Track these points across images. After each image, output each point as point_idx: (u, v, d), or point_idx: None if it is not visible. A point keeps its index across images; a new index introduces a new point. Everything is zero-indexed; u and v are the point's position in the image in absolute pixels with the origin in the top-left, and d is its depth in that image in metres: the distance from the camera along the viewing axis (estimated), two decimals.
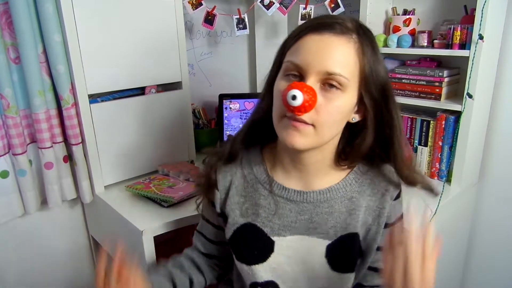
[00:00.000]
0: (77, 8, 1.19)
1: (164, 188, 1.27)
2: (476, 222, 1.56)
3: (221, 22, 1.81)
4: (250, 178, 0.79)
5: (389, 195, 0.76)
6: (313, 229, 0.77)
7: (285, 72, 0.68)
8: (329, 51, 0.64)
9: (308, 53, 0.64)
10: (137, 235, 1.13)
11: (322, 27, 0.65)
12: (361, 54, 0.66)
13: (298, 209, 0.77)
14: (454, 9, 1.38)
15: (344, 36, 0.65)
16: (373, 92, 0.68)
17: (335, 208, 0.76)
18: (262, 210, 0.78)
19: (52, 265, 1.51)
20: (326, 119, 0.65)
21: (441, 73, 1.33)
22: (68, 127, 1.29)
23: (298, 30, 0.68)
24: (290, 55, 0.67)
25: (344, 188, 0.76)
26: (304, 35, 0.66)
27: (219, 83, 1.93)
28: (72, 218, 1.53)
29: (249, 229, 0.79)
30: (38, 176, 1.32)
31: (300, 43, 0.66)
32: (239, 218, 0.80)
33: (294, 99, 0.60)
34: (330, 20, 0.66)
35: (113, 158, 1.39)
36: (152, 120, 1.46)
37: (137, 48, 1.36)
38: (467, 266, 1.62)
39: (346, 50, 0.65)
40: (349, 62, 0.65)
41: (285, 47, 0.70)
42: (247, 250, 0.80)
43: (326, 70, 0.63)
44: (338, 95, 0.65)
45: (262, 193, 0.78)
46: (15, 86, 1.20)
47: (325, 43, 0.64)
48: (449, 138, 1.34)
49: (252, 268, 0.80)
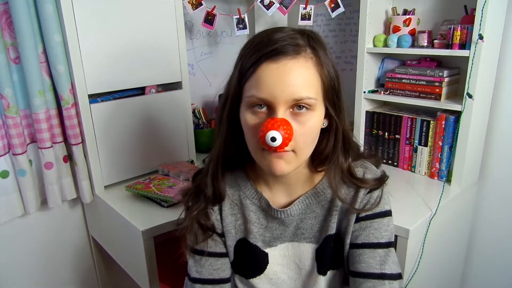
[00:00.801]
0: (77, 8, 1.19)
1: (164, 188, 1.27)
2: (476, 222, 1.56)
3: (221, 22, 1.81)
4: (238, 195, 0.80)
5: (362, 191, 0.75)
6: (300, 234, 0.79)
7: (249, 105, 0.66)
8: (291, 77, 0.62)
9: (270, 85, 0.62)
10: (137, 235, 1.13)
11: (277, 54, 0.62)
12: (319, 67, 0.65)
13: (283, 223, 0.79)
14: (454, 9, 1.38)
15: (300, 56, 0.63)
16: (333, 96, 0.68)
17: (318, 212, 0.78)
18: (253, 226, 0.78)
19: (52, 265, 1.51)
20: (304, 141, 0.66)
21: (441, 73, 1.33)
22: (68, 127, 1.29)
23: (252, 59, 0.64)
24: (251, 89, 0.65)
25: (322, 191, 0.77)
26: (259, 65, 0.63)
27: (219, 83, 1.93)
28: (72, 218, 1.53)
29: (244, 245, 0.80)
30: (38, 176, 1.32)
31: (258, 75, 0.63)
32: (234, 236, 0.80)
33: (274, 140, 0.60)
34: (281, 42, 0.63)
35: (113, 158, 1.39)
36: (152, 120, 1.45)
37: (137, 48, 1.36)
38: (467, 266, 1.62)
39: (307, 70, 0.64)
40: (312, 81, 0.64)
41: (241, 79, 0.67)
42: (243, 265, 0.81)
43: (293, 98, 0.62)
44: (309, 115, 0.65)
45: (251, 209, 0.79)
46: (15, 86, 1.20)
47: (285, 70, 0.62)
48: (449, 138, 1.34)
49: (250, 281, 0.81)
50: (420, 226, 1.14)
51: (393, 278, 0.72)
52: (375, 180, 0.75)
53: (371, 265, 0.72)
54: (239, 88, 0.67)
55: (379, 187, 0.76)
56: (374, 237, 0.74)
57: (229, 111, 0.70)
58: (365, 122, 1.56)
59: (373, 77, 1.57)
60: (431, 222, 1.17)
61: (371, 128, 1.56)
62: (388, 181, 0.78)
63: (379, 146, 1.55)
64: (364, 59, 1.49)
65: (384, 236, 0.74)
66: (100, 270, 1.64)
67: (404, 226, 1.09)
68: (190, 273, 0.81)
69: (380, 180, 0.76)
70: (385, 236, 0.74)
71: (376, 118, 1.53)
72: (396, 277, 0.72)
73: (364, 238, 0.74)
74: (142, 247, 1.13)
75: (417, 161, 1.45)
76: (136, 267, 1.24)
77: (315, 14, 1.81)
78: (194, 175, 0.85)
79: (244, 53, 0.68)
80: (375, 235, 0.74)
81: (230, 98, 0.69)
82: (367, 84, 1.54)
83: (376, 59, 1.55)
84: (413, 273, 1.18)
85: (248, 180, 0.80)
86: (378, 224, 0.75)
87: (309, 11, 1.68)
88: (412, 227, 1.10)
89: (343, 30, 1.87)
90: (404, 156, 1.49)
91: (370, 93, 1.52)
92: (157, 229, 1.14)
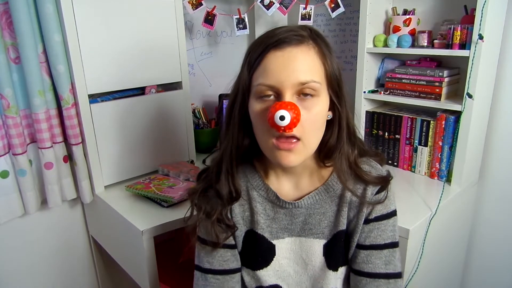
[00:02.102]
0: (77, 8, 1.19)
1: (164, 188, 1.27)
2: (476, 222, 1.56)
3: (221, 22, 1.81)
4: (246, 186, 0.81)
5: (370, 190, 0.76)
6: (308, 230, 0.80)
7: (258, 95, 0.69)
8: (296, 62, 0.66)
9: (277, 71, 0.66)
10: (137, 235, 1.13)
11: (281, 43, 0.67)
12: (322, 57, 0.69)
13: (291, 214, 0.80)
14: (454, 9, 1.38)
15: (303, 44, 0.68)
16: (336, 88, 0.71)
17: (327, 208, 0.79)
18: (260, 216, 0.80)
19: (52, 265, 1.51)
20: (311, 128, 0.68)
21: (441, 73, 1.33)
22: (68, 127, 1.29)
23: (258, 50, 0.68)
24: (258, 78, 0.68)
25: (332, 187, 0.78)
26: (266, 55, 0.67)
27: (219, 83, 1.93)
28: (72, 218, 1.53)
29: (252, 236, 0.81)
30: (38, 176, 1.32)
31: (265, 64, 0.67)
32: (242, 226, 0.81)
33: (283, 119, 0.62)
34: (285, 33, 0.67)
35: (113, 158, 1.39)
36: (152, 120, 1.45)
37: (137, 48, 1.36)
38: (467, 266, 1.62)
39: (309, 57, 0.68)
40: (315, 66, 0.68)
41: (249, 70, 0.70)
42: (250, 257, 0.82)
43: (299, 81, 0.65)
44: (315, 101, 0.68)
45: (258, 200, 0.80)
46: (15, 86, 1.20)
47: (290, 57, 0.66)
48: (449, 138, 1.34)
49: (257, 273, 0.81)
50: (420, 226, 1.14)
51: (397, 276, 0.77)
52: (381, 178, 0.77)
53: (378, 265, 0.76)
54: (249, 81, 0.71)
55: (385, 187, 0.77)
56: (381, 239, 0.76)
57: (240, 105, 0.73)
58: (365, 122, 1.56)
59: (373, 77, 1.57)
60: (431, 222, 1.17)
61: (371, 128, 1.56)
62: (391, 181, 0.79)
63: (379, 146, 1.55)
64: (364, 59, 1.49)
65: (390, 237, 0.77)
66: (100, 270, 1.64)
67: (404, 226, 1.09)
68: (202, 264, 0.82)
69: (385, 179, 0.77)
70: (391, 236, 0.77)
71: (376, 118, 1.53)
72: (399, 275, 0.77)
73: (372, 240, 0.76)
74: (142, 247, 1.13)
75: (417, 161, 1.45)
76: (136, 267, 1.24)
77: (315, 14, 1.81)
78: (199, 174, 0.86)
79: (251, 48, 0.72)
80: (382, 237, 0.77)
81: (241, 91, 0.72)
82: (367, 84, 1.54)
83: (376, 59, 1.55)
84: (413, 273, 1.18)
85: (256, 172, 0.81)
86: (384, 226, 0.77)
87: (309, 11, 1.68)
88: (412, 227, 1.10)
89: (343, 30, 1.87)
90: (404, 156, 1.49)
91: (370, 93, 1.52)
92: (157, 229, 1.14)
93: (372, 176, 0.76)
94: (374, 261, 0.76)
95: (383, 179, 0.77)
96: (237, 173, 0.78)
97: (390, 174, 0.80)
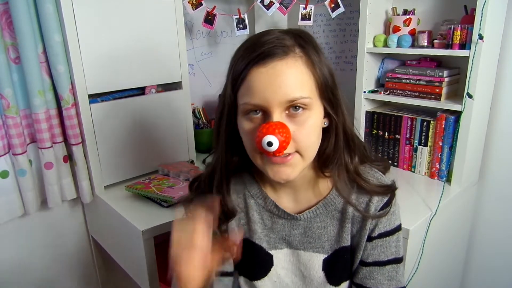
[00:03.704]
0: (77, 8, 1.19)
1: (164, 188, 1.27)
2: (476, 222, 1.56)
3: (221, 22, 1.81)
4: (243, 193, 0.79)
5: (374, 206, 0.73)
6: (307, 243, 0.77)
7: (244, 112, 0.65)
8: (281, 79, 0.60)
9: (262, 89, 0.61)
10: (137, 235, 1.13)
11: (264, 57, 0.61)
12: (311, 66, 0.64)
13: (291, 224, 0.77)
14: (454, 9, 1.38)
15: (288, 56, 0.62)
16: (328, 93, 0.66)
17: (328, 222, 0.76)
18: (257, 226, 0.78)
19: (52, 265, 1.51)
20: (306, 142, 0.64)
21: (441, 73, 1.33)
22: (68, 127, 1.29)
23: (241, 65, 0.63)
24: (243, 97, 0.63)
25: (331, 202, 0.75)
26: (249, 71, 0.62)
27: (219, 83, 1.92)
28: (72, 218, 1.53)
29: (248, 246, 0.79)
30: (38, 176, 1.32)
31: (248, 81, 0.62)
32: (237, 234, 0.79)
33: (270, 145, 0.59)
34: (268, 45, 0.62)
35: (113, 158, 1.39)
36: (152, 120, 1.46)
37: (137, 48, 1.36)
38: (467, 266, 1.62)
39: (297, 70, 0.62)
40: (304, 80, 0.63)
41: (233, 87, 0.65)
42: (248, 266, 0.80)
43: (286, 99, 0.61)
44: (306, 114, 0.63)
45: (255, 209, 0.78)
46: (15, 86, 1.20)
47: (275, 72, 0.60)
48: (449, 138, 1.34)
49: (255, 283, 0.80)
50: (420, 226, 1.14)
51: None
52: (384, 187, 0.73)
53: (380, 281, 0.74)
54: (234, 97, 0.66)
55: (390, 201, 0.73)
56: (384, 255, 0.74)
57: (227, 122, 0.69)
58: (365, 122, 1.56)
59: (373, 77, 1.57)
60: (431, 222, 1.17)
61: (371, 128, 1.56)
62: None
63: (379, 146, 1.55)
64: (364, 59, 1.49)
65: (393, 253, 0.75)
66: (100, 270, 1.64)
67: (404, 226, 1.09)
68: None
69: (389, 188, 0.73)
70: (394, 252, 0.75)
71: (376, 118, 1.53)
72: None
73: (375, 258, 0.74)
74: (142, 247, 1.13)
75: (417, 161, 1.45)
76: (136, 267, 1.24)
77: (315, 14, 1.81)
78: (190, 183, 0.83)
79: (234, 61, 0.66)
80: (385, 253, 0.74)
81: (227, 108, 0.68)
82: (367, 84, 1.54)
83: (376, 59, 1.55)
84: (413, 273, 1.18)
85: (255, 181, 0.78)
86: (388, 242, 0.74)
87: (309, 11, 1.68)
88: (412, 227, 1.10)
89: (343, 30, 1.87)
90: (404, 156, 1.49)
91: (370, 93, 1.52)
92: (157, 229, 1.14)
93: (373, 184, 0.72)
94: (377, 276, 0.74)
95: (387, 188, 0.73)
96: (228, 191, 0.75)
97: (395, 185, 0.75)
